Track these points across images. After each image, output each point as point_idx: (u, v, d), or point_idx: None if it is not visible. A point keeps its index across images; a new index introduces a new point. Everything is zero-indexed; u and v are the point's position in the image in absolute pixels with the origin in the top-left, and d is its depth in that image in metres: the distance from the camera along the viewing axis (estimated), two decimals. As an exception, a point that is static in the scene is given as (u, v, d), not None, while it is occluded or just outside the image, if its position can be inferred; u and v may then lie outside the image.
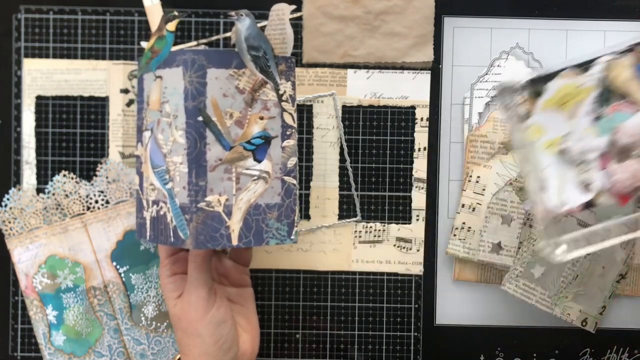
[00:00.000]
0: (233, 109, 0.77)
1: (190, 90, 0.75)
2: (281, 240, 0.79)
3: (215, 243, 0.76)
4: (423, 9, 0.91)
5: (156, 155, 0.79)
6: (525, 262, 0.88)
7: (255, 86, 0.78)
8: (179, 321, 0.79)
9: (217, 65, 0.76)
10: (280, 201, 0.79)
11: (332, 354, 0.94)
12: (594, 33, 0.92)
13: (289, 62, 0.80)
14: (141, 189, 0.82)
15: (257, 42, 0.77)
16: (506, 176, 0.91)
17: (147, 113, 0.81)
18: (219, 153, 0.76)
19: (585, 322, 0.89)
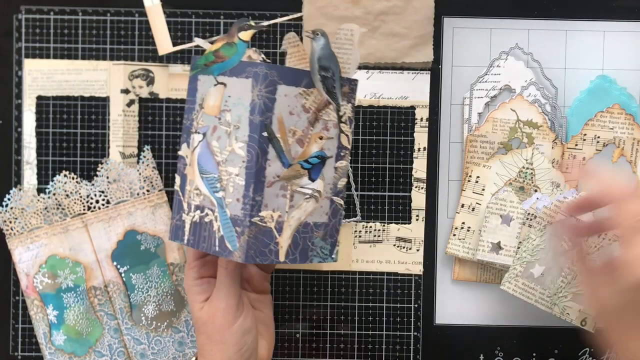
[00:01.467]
0: (297, 127, 0.76)
1: (258, 104, 0.74)
2: (323, 258, 0.79)
3: (264, 258, 0.75)
4: (423, 10, 0.91)
5: (207, 161, 0.77)
6: (524, 261, 0.89)
7: (320, 106, 0.77)
8: (204, 325, 0.79)
9: (287, 83, 0.75)
10: (327, 220, 0.79)
11: (332, 354, 0.94)
12: (594, 33, 0.92)
13: (352, 85, 0.80)
14: (182, 191, 0.80)
15: (328, 63, 0.76)
16: (505, 176, 0.91)
17: (199, 115, 0.79)
18: (277, 170, 0.75)
19: (585, 321, 0.89)
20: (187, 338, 0.92)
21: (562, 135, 0.91)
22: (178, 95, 0.92)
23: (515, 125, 0.91)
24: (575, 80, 0.92)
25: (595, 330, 0.89)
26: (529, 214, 0.89)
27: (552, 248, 0.88)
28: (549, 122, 0.91)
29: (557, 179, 0.90)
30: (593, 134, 0.90)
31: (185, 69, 0.92)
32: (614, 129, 0.90)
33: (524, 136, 0.91)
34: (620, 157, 0.90)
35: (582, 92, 0.92)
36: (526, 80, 0.92)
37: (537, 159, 0.90)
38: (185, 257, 0.92)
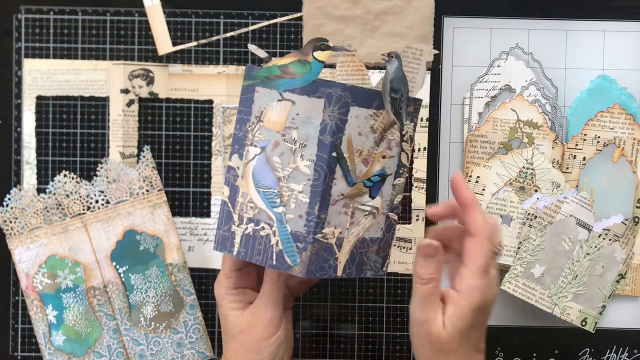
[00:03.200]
0: (364, 147, 0.76)
1: (330, 125, 0.73)
2: (375, 272, 0.80)
3: (323, 273, 0.75)
4: (423, 9, 0.91)
5: (266, 175, 0.76)
6: (525, 261, 0.88)
7: (386, 127, 0.77)
8: (241, 334, 0.79)
9: (360, 104, 0.74)
10: (381, 235, 0.79)
11: (332, 354, 0.94)
12: (594, 33, 0.92)
13: (417, 104, 0.80)
14: (232, 203, 0.78)
15: (399, 85, 0.75)
16: (506, 176, 0.91)
17: (256, 128, 0.77)
18: (342, 188, 0.75)
19: (585, 321, 0.89)
20: (186, 339, 0.92)
21: (562, 135, 0.91)
22: (178, 95, 0.92)
23: (516, 125, 0.91)
24: (576, 80, 0.92)
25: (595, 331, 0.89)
26: (529, 214, 0.89)
27: (552, 248, 0.88)
28: (549, 122, 0.91)
29: (558, 179, 0.90)
30: (593, 134, 0.90)
31: (185, 69, 0.92)
32: (615, 129, 0.90)
33: (524, 136, 0.91)
34: (621, 157, 0.90)
35: (582, 92, 0.92)
36: (526, 80, 0.92)
37: (538, 159, 0.90)
38: (179, 258, 0.92)
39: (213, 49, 0.92)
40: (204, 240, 0.93)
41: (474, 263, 0.72)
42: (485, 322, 0.75)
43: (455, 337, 0.72)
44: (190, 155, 0.93)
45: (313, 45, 0.75)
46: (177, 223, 0.92)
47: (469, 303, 0.72)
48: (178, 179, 0.93)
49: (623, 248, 0.89)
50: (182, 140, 0.93)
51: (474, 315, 0.72)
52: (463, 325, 0.72)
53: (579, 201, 0.89)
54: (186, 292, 0.92)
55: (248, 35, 0.92)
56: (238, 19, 0.92)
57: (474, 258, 0.73)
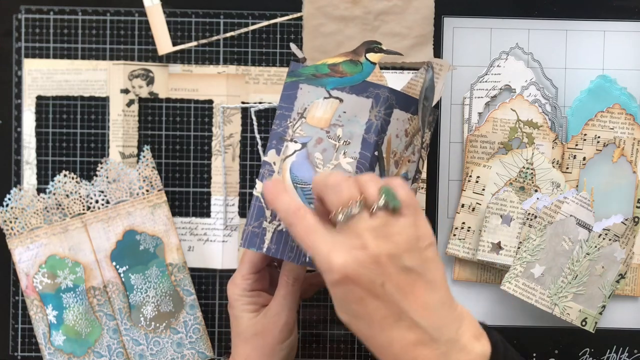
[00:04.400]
0: (398, 149, 0.78)
1: (375, 124, 0.75)
2: None
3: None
4: (423, 9, 0.91)
5: (305, 171, 0.76)
6: (524, 261, 0.88)
7: (415, 132, 0.79)
8: (255, 337, 0.79)
9: (401, 107, 0.77)
10: None
11: (332, 354, 0.94)
12: (594, 33, 0.92)
13: (435, 114, 0.83)
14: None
15: (430, 94, 0.79)
16: (506, 176, 0.91)
17: (297, 124, 0.78)
18: None
19: (585, 321, 0.89)
20: (186, 339, 0.92)
21: (562, 135, 0.91)
22: (178, 95, 0.92)
23: (516, 125, 0.91)
24: (576, 80, 0.92)
25: (595, 331, 0.89)
26: (529, 214, 0.89)
27: (552, 248, 0.88)
28: (549, 122, 0.91)
29: (558, 179, 0.90)
30: (593, 134, 0.90)
31: (185, 69, 0.92)
32: (615, 129, 0.90)
33: (524, 136, 0.91)
34: (621, 157, 0.90)
35: (582, 92, 0.92)
36: (526, 80, 0.92)
37: (538, 159, 0.90)
38: (179, 258, 0.92)
39: (213, 49, 0.92)
40: (204, 240, 0.93)
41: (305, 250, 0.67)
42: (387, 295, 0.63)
43: (346, 318, 0.65)
44: (190, 155, 0.93)
45: (366, 47, 0.79)
46: (177, 223, 0.92)
47: (326, 282, 0.64)
48: (178, 179, 0.93)
49: (623, 248, 0.89)
50: (182, 140, 0.93)
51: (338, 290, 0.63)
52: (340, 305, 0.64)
53: (579, 201, 0.89)
54: (186, 292, 0.92)
55: (248, 35, 0.92)
56: (238, 19, 0.92)
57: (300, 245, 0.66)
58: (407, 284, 0.63)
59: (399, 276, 0.63)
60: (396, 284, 0.63)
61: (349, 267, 0.62)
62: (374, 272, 0.62)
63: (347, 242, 0.63)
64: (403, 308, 0.63)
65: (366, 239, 0.63)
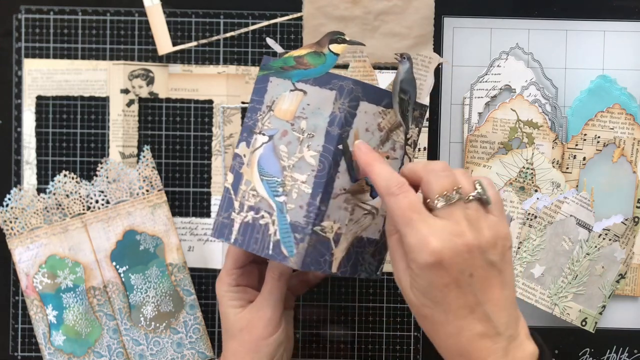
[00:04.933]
0: (369, 144, 0.75)
1: (339, 117, 0.73)
2: (369, 274, 0.79)
3: (318, 267, 0.74)
4: (423, 9, 0.91)
5: (271, 164, 0.76)
6: (525, 261, 0.88)
7: (393, 127, 0.77)
8: (241, 332, 0.79)
9: (369, 100, 0.75)
10: (378, 238, 0.79)
11: (332, 354, 0.94)
12: (594, 33, 0.92)
13: (422, 110, 0.80)
14: (235, 190, 0.78)
15: (408, 87, 0.77)
16: (506, 176, 0.91)
17: (266, 117, 0.78)
18: (345, 183, 0.74)
19: (585, 321, 0.89)
20: (186, 339, 0.92)
21: (562, 135, 0.91)
22: (178, 95, 0.92)
23: (516, 125, 0.91)
24: (576, 80, 0.92)
25: (595, 331, 0.89)
26: (529, 214, 0.89)
27: (552, 248, 0.88)
28: (549, 122, 0.91)
29: (558, 179, 0.90)
30: (593, 134, 0.90)
31: (185, 69, 0.92)
32: (615, 129, 0.90)
33: (524, 136, 0.91)
34: (621, 157, 0.90)
35: (582, 92, 0.92)
36: (526, 80, 0.92)
37: (538, 159, 0.90)
38: (179, 258, 0.92)
39: (213, 49, 0.92)
40: (204, 240, 0.93)
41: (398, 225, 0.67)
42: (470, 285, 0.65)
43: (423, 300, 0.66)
44: (190, 155, 0.93)
45: (330, 38, 0.77)
46: (177, 223, 0.92)
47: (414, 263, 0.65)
48: (178, 179, 0.93)
49: (623, 248, 0.89)
50: (182, 140, 0.93)
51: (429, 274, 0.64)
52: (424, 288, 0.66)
53: (579, 201, 0.89)
54: (186, 292, 0.92)
55: (248, 35, 0.92)
56: (238, 19, 0.92)
57: (394, 219, 0.67)
58: (488, 279, 0.65)
59: (483, 270, 0.65)
60: (480, 276, 0.65)
61: (445, 253, 0.63)
62: (466, 262, 0.64)
63: (446, 228, 0.64)
64: (480, 300, 0.65)
65: (463, 227, 0.65)
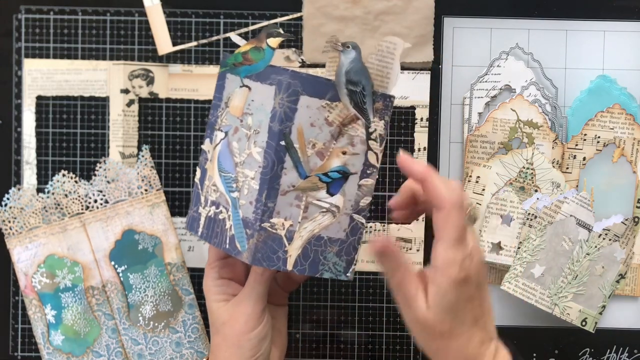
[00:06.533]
0: (317, 139, 0.74)
1: (279, 112, 0.72)
2: (336, 275, 0.77)
3: (271, 263, 0.74)
4: (423, 9, 0.91)
5: (226, 160, 0.77)
6: (525, 261, 0.88)
7: (345, 121, 0.75)
8: (223, 326, 0.78)
9: (311, 94, 0.73)
10: (344, 237, 0.77)
11: (332, 354, 0.94)
12: (594, 33, 0.92)
13: (387, 101, 0.76)
14: (201, 185, 0.80)
15: (358, 77, 0.73)
16: (506, 176, 0.91)
17: (224, 114, 0.78)
18: (293, 179, 0.73)
19: (585, 321, 0.89)
20: (185, 339, 0.92)
21: (562, 135, 0.91)
22: (178, 95, 0.92)
23: (516, 125, 0.91)
24: (576, 80, 0.92)
25: (595, 331, 0.89)
26: (529, 214, 0.89)
27: (552, 248, 0.88)
28: (549, 122, 0.91)
29: (558, 179, 0.90)
30: (593, 134, 0.90)
31: (185, 69, 0.92)
32: (614, 129, 0.90)
33: (524, 136, 0.91)
34: (621, 157, 0.90)
35: (582, 92, 0.92)
36: (526, 80, 0.91)
37: (538, 159, 0.90)
38: (178, 258, 0.92)
39: (213, 49, 0.92)
40: (204, 241, 0.93)
41: (446, 236, 0.68)
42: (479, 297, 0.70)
43: (443, 317, 0.68)
44: (190, 155, 0.93)
45: (267, 33, 0.76)
46: (177, 223, 0.92)
47: (447, 277, 0.67)
48: (178, 179, 0.93)
49: (623, 248, 0.89)
50: (182, 140, 0.93)
51: (457, 289, 0.68)
52: (448, 302, 0.68)
53: (579, 201, 0.89)
54: (185, 291, 0.92)
55: (248, 35, 0.92)
56: (238, 19, 0.92)
57: (444, 231, 0.68)
58: (485, 289, 0.71)
59: (484, 280, 0.71)
60: (483, 287, 0.70)
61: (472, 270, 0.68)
62: (480, 274, 0.70)
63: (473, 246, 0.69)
64: (484, 309, 0.70)
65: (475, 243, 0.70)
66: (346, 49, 0.75)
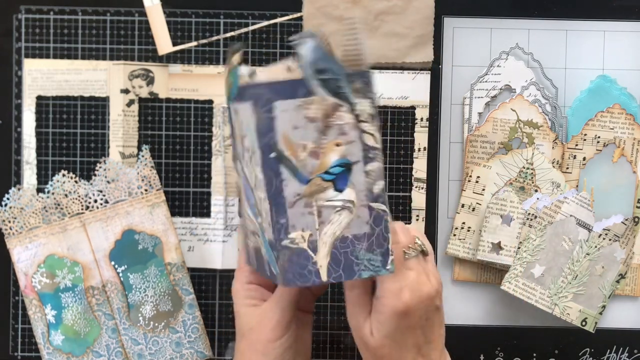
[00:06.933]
0: (306, 140, 0.70)
1: (260, 126, 0.69)
2: (375, 271, 0.71)
3: (304, 280, 0.70)
4: (423, 9, 0.91)
5: (247, 188, 0.75)
6: (525, 261, 0.88)
7: (328, 112, 0.70)
8: (250, 331, 0.77)
9: (283, 97, 0.69)
10: (369, 230, 0.71)
11: (332, 354, 0.93)
12: (594, 33, 0.92)
13: (364, 78, 0.70)
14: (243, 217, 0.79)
15: (325, 64, 0.69)
16: (506, 176, 0.91)
17: (235, 144, 0.77)
18: (296, 188, 0.69)
19: (585, 321, 0.89)
20: (185, 339, 0.92)
21: (562, 135, 0.91)
22: (178, 95, 0.92)
23: (516, 125, 0.91)
24: (576, 80, 0.92)
25: (595, 331, 0.89)
26: (530, 214, 0.89)
27: (552, 248, 0.88)
28: (550, 122, 0.91)
29: (558, 179, 0.90)
30: (593, 134, 0.90)
31: (185, 69, 0.92)
32: (615, 129, 0.90)
33: (524, 136, 0.91)
34: (621, 157, 0.90)
35: (582, 92, 0.92)
36: (526, 80, 0.91)
37: (538, 159, 0.90)
38: (178, 258, 0.92)
39: (213, 49, 0.92)
40: (204, 241, 0.93)
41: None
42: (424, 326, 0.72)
43: (384, 342, 0.71)
44: (190, 155, 0.93)
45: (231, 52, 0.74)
46: (177, 223, 0.92)
47: (387, 308, 0.70)
48: (178, 179, 0.93)
49: (623, 248, 0.89)
50: (182, 140, 0.93)
51: (396, 320, 0.70)
52: (388, 331, 0.71)
53: (579, 201, 0.89)
54: (185, 291, 0.92)
55: (248, 35, 0.92)
56: (238, 19, 0.92)
57: None
58: (434, 320, 0.73)
59: (433, 313, 0.72)
60: (431, 319, 0.72)
61: (413, 303, 0.70)
62: (426, 308, 0.71)
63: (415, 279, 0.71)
64: (428, 338, 0.73)
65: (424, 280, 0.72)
66: (302, 40, 0.70)
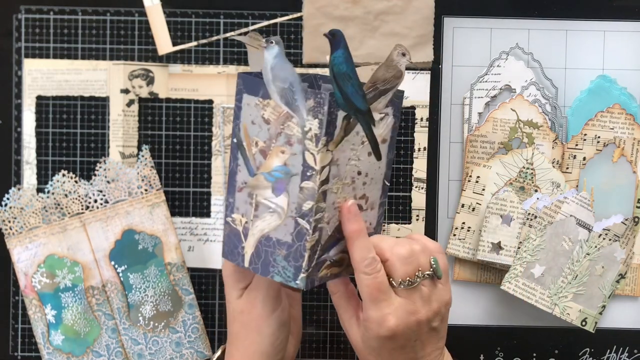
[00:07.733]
0: (258, 137, 0.74)
1: (235, 110, 0.75)
2: (286, 280, 0.74)
3: (233, 258, 0.77)
4: (423, 9, 0.91)
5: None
6: (525, 261, 0.88)
7: (281, 119, 0.72)
8: (241, 314, 0.79)
9: (249, 92, 0.74)
10: (290, 241, 0.73)
11: (332, 354, 0.93)
12: (594, 33, 0.92)
13: (318, 98, 0.69)
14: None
15: (283, 73, 0.70)
16: (506, 176, 0.91)
17: None
18: (245, 177, 0.75)
19: (585, 321, 0.89)
20: (185, 339, 0.92)
21: (562, 135, 0.91)
22: (178, 95, 0.92)
23: (516, 125, 0.91)
24: (576, 80, 0.92)
25: (595, 331, 0.89)
26: (529, 214, 0.89)
27: (552, 248, 0.88)
28: (549, 122, 0.91)
29: (558, 179, 0.90)
30: (593, 134, 0.90)
31: (185, 69, 0.92)
32: (615, 129, 0.90)
33: (524, 136, 0.91)
34: (621, 157, 0.90)
35: (582, 92, 0.92)
36: (526, 80, 0.91)
37: (538, 159, 0.90)
38: (178, 258, 0.92)
39: (213, 49, 0.92)
40: (204, 240, 0.93)
41: (362, 296, 0.73)
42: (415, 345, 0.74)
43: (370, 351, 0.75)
44: (190, 155, 0.93)
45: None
46: (177, 223, 0.92)
47: (371, 332, 0.73)
48: (178, 179, 0.93)
49: (623, 248, 0.89)
50: (182, 140, 0.93)
51: (383, 341, 0.73)
52: (373, 348, 0.74)
53: (579, 201, 0.89)
54: (185, 291, 0.92)
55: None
56: (238, 19, 0.92)
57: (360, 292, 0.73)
58: (428, 339, 0.74)
59: (426, 335, 0.74)
60: (423, 340, 0.74)
61: (399, 329, 0.72)
62: (414, 332, 0.73)
63: (404, 306, 0.72)
64: (417, 356, 0.74)
65: (418, 306, 0.72)
66: (270, 44, 0.71)
